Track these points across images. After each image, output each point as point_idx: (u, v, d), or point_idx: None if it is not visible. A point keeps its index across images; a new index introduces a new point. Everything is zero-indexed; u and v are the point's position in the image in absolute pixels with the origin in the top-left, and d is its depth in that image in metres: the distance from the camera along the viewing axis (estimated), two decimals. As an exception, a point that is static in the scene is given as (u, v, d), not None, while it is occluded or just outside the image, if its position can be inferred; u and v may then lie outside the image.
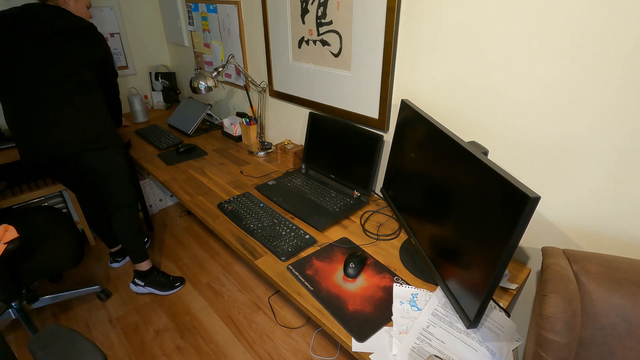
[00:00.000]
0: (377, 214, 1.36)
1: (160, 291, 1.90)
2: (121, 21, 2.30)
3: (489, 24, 0.95)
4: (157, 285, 1.89)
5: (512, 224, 0.67)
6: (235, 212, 1.34)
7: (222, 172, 1.67)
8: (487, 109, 1.04)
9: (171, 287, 1.92)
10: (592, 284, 0.80)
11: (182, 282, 1.97)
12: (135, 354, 1.60)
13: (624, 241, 0.92)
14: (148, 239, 2.30)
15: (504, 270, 0.72)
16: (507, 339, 0.88)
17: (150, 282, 1.88)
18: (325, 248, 1.17)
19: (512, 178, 0.69)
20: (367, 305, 0.96)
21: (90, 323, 1.76)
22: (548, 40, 0.86)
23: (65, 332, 0.87)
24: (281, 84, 1.72)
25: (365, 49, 1.26)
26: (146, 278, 1.88)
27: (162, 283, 1.90)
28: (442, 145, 0.93)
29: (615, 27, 0.76)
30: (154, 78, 2.51)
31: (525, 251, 1.12)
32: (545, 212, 1.03)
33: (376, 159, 1.35)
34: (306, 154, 1.62)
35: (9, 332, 1.70)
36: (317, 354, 1.60)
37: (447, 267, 0.92)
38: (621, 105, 0.81)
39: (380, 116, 1.33)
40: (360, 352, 0.84)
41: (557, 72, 0.87)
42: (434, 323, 0.91)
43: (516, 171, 1.05)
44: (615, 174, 0.87)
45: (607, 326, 0.78)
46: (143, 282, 1.88)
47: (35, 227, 1.61)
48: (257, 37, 1.74)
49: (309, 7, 1.40)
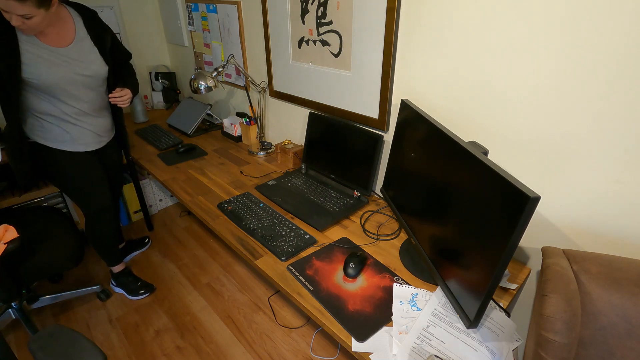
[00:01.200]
0: (377, 214, 1.36)
1: (128, 295, 1.90)
2: (121, 21, 2.30)
3: (488, 24, 0.95)
4: (125, 287, 1.91)
5: (512, 224, 0.67)
6: (235, 212, 1.34)
7: (222, 172, 1.67)
8: (487, 109, 1.04)
9: (136, 294, 1.90)
10: (592, 284, 0.80)
11: (149, 291, 1.92)
12: (135, 354, 1.60)
13: (624, 241, 0.92)
14: (149, 240, 2.30)
15: (504, 270, 0.72)
16: (507, 339, 0.88)
17: (120, 284, 1.91)
18: (325, 248, 1.17)
19: (512, 178, 0.69)
20: (367, 305, 0.96)
21: (90, 323, 1.76)
22: (548, 40, 0.86)
23: (65, 332, 0.87)
24: (281, 84, 1.72)
25: (365, 49, 1.26)
26: (117, 279, 1.90)
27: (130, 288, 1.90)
28: (442, 145, 0.93)
29: (615, 26, 0.76)
30: (154, 78, 2.51)
31: (525, 251, 1.12)
32: (545, 212, 1.03)
33: (376, 159, 1.35)
34: (306, 154, 1.62)
35: (9, 332, 1.70)
36: (317, 354, 1.60)
37: (447, 267, 0.92)
38: (621, 106, 0.81)
39: (380, 116, 1.33)
40: (360, 352, 0.84)
41: (557, 72, 0.87)
42: (434, 323, 0.91)
43: (516, 171, 1.05)
44: (615, 174, 0.87)
45: (607, 326, 0.78)
46: (115, 282, 1.92)
47: (35, 227, 1.61)
48: (257, 37, 1.74)
49: (309, 7, 1.40)
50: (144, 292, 1.91)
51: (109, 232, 1.73)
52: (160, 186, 2.61)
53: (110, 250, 1.82)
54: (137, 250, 2.22)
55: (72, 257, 1.57)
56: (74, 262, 1.59)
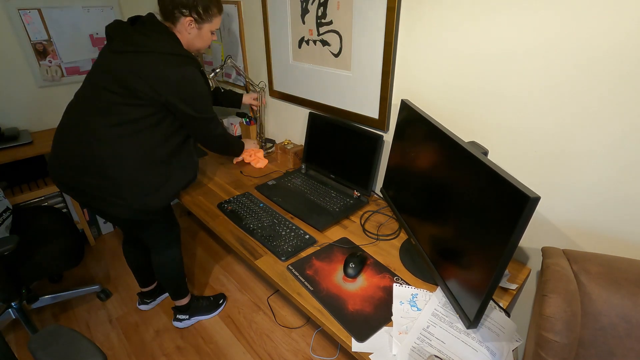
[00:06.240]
0: (377, 214, 1.36)
1: (207, 315, 1.76)
2: (121, 21, 2.30)
3: (488, 25, 0.95)
4: (201, 311, 1.74)
5: (512, 224, 0.67)
6: (235, 212, 1.34)
7: (222, 172, 1.67)
8: (487, 109, 1.04)
9: (216, 306, 1.79)
10: (592, 284, 0.80)
11: (225, 298, 1.84)
12: (135, 354, 1.60)
13: (624, 241, 0.92)
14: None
15: (504, 270, 0.72)
16: (507, 339, 0.88)
17: (194, 312, 1.72)
18: (325, 248, 1.17)
19: (512, 178, 0.69)
20: (367, 305, 0.96)
21: (90, 323, 1.76)
22: (548, 40, 0.86)
23: (65, 332, 0.87)
24: (281, 83, 1.72)
25: (365, 49, 1.26)
26: (189, 310, 1.71)
27: (206, 307, 1.76)
28: (442, 145, 0.93)
29: (614, 26, 0.76)
30: (154, 78, 2.51)
31: (525, 251, 1.12)
32: (545, 212, 1.03)
33: (376, 159, 1.35)
34: (306, 154, 1.62)
35: (9, 332, 1.70)
36: (317, 354, 1.60)
37: (447, 267, 0.92)
38: (622, 106, 0.81)
39: (380, 116, 1.33)
40: (360, 352, 0.84)
41: (558, 72, 0.87)
42: (434, 323, 0.91)
43: (516, 171, 1.05)
44: (615, 174, 0.87)
45: (607, 326, 0.78)
46: (187, 314, 1.71)
47: (35, 227, 1.61)
48: (257, 37, 1.74)
49: (309, 7, 1.40)
50: (222, 300, 1.82)
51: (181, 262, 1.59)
52: (160, 186, 2.60)
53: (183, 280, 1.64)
54: None
55: (72, 257, 1.57)
56: (74, 262, 1.59)
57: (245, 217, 1.30)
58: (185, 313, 1.70)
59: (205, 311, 1.76)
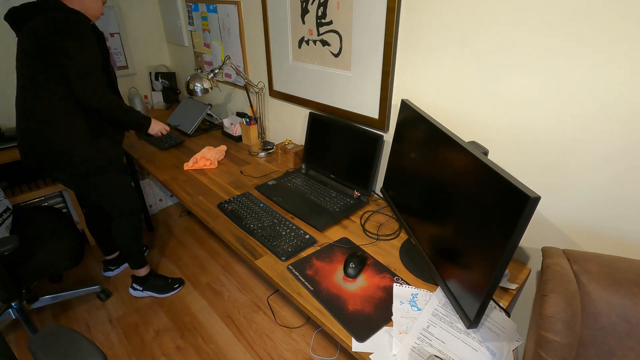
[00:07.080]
0: (377, 214, 1.36)
1: (159, 294, 1.91)
2: (121, 21, 2.30)
3: (488, 25, 0.95)
4: (155, 288, 1.90)
5: (512, 224, 0.67)
6: (235, 212, 1.34)
7: (222, 172, 1.67)
8: (487, 109, 1.04)
9: (169, 289, 1.93)
10: (592, 284, 0.80)
11: (181, 284, 1.97)
12: (135, 354, 1.60)
13: (624, 241, 0.92)
14: (146, 248, 2.27)
15: (504, 270, 0.72)
16: (507, 339, 0.88)
17: (148, 286, 1.89)
18: (325, 248, 1.17)
19: (512, 178, 0.69)
20: (367, 305, 0.96)
21: (90, 323, 1.76)
22: (548, 40, 0.86)
23: (65, 332, 0.87)
24: (281, 83, 1.72)
25: (365, 49, 1.26)
26: (144, 283, 1.88)
27: (160, 286, 1.91)
28: (442, 146, 0.93)
29: (614, 26, 0.76)
30: (154, 78, 2.51)
31: (525, 251, 1.12)
32: (545, 212, 1.03)
33: (376, 159, 1.35)
34: (306, 154, 1.62)
35: (9, 332, 1.70)
36: (317, 354, 1.60)
37: (447, 267, 0.92)
38: (621, 106, 0.81)
39: (380, 116, 1.33)
40: (360, 352, 0.84)
41: (558, 72, 0.87)
42: (434, 323, 0.91)
43: (516, 171, 1.05)
44: (615, 174, 0.87)
45: (607, 326, 0.78)
46: (141, 286, 1.89)
47: (35, 227, 1.61)
48: (257, 37, 1.74)
49: (309, 7, 1.40)
50: (178, 285, 1.95)
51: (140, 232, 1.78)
52: (160, 186, 2.61)
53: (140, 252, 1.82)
54: None
55: (72, 257, 1.57)
56: (74, 262, 1.59)
57: (246, 217, 1.30)
58: (140, 285, 1.88)
59: (158, 290, 1.90)
